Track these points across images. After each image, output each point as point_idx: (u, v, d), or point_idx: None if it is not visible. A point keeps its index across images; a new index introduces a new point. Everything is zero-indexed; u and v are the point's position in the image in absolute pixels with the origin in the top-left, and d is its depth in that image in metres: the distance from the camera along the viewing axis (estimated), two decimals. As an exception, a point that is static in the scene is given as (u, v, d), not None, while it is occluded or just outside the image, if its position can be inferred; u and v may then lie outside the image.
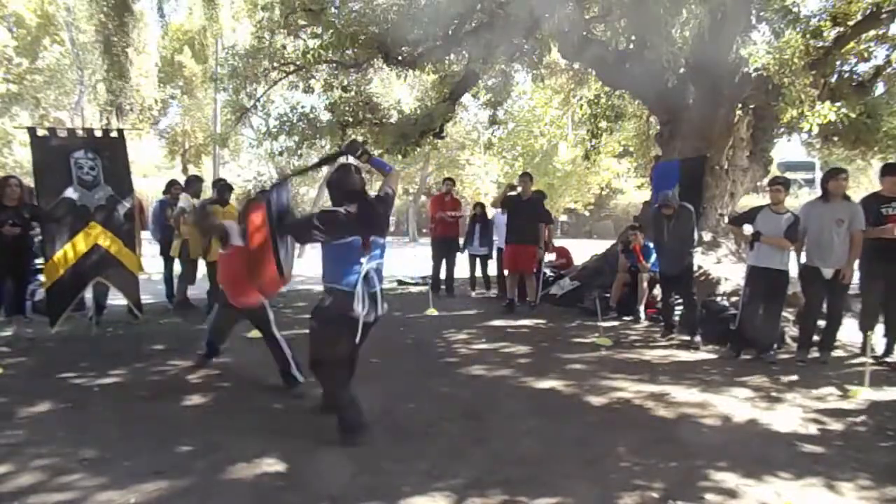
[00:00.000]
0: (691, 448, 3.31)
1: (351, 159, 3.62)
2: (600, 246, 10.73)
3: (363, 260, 3.23)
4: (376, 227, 3.34)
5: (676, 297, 6.27)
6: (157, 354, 5.21)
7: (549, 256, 9.45)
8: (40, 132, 6.03)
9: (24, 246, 5.76)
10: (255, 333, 5.63)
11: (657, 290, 7.14)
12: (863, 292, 5.44)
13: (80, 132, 6.43)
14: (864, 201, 5.33)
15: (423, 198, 25.92)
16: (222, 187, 6.91)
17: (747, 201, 10.52)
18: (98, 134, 6.35)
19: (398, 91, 15.51)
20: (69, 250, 5.81)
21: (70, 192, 5.87)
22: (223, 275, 4.45)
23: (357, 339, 3.25)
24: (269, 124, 9.26)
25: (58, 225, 5.81)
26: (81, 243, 5.88)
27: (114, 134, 6.37)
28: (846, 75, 8.40)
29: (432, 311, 7.51)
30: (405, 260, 13.83)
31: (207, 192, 7.81)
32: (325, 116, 9.22)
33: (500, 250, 8.77)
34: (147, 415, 3.80)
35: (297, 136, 9.03)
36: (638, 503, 2.71)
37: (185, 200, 6.88)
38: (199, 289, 7.37)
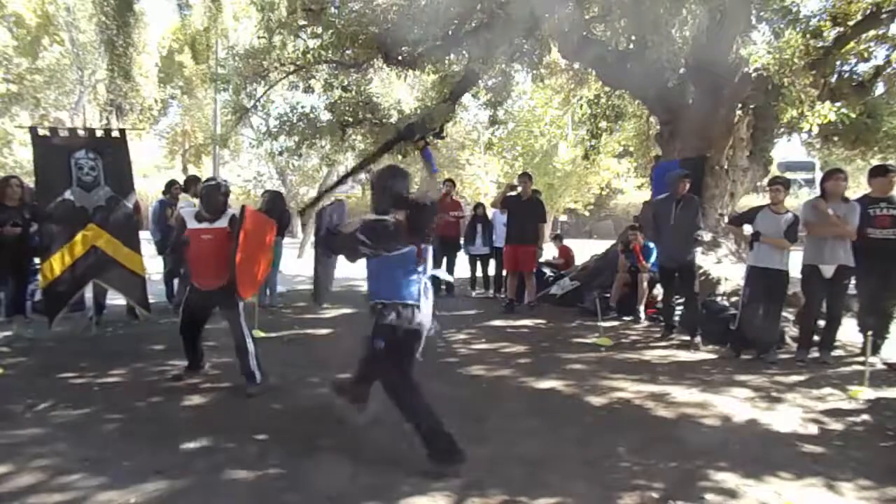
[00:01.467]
0: (691, 448, 3.32)
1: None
2: (600, 246, 10.73)
3: (420, 269, 3.07)
4: (426, 236, 3.14)
5: (677, 297, 6.27)
6: (157, 354, 5.21)
7: (550, 254, 9.43)
8: (41, 132, 6.00)
9: (25, 246, 5.76)
10: (258, 333, 5.66)
11: (657, 290, 7.14)
12: (859, 292, 5.45)
13: (81, 132, 6.41)
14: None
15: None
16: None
17: (747, 201, 10.51)
18: (100, 134, 6.34)
19: (398, 91, 15.48)
20: (66, 252, 5.75)
21: (68, 194, 5.82)
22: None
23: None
24: (269, 124, 9.28)
25: (56, 226, 5.76)
26: (78, 245, 5.80)
27: (115, 134, 6.35)
28: (846, 75, 8.40)
29: (432, 311, 7.50)
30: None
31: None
32: (325, 116, 9.22)
33: (496, 249, 8.77)
34: (147, 415, 3.80)
35: (297, 136, 9.03)
36: (638, 503, 2.72)
37: (185, 200, 6.88)
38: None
